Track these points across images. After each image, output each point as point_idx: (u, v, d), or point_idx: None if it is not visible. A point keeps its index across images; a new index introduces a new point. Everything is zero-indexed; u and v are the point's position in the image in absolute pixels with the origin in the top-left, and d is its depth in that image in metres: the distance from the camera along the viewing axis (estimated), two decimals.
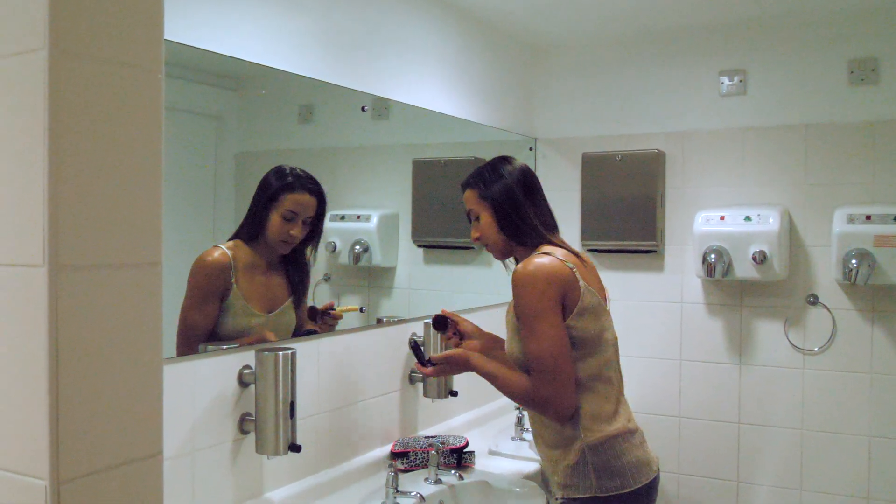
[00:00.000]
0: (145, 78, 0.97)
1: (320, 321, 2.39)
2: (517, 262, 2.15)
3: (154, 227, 0.98)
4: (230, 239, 2.13)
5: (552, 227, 2.16)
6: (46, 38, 0.87)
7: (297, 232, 2.19)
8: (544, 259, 2.01)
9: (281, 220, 2.17)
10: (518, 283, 2.00)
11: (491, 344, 2.33)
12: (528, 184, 2.15)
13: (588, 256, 2.21)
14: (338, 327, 2.44)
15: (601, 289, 2.15)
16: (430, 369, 2.17)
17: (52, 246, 0.87)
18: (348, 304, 2.56)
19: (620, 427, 2.04)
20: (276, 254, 2.22)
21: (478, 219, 2.17)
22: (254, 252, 2.16)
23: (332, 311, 2.41)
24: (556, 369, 1.95)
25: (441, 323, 2.35)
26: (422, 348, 2.23)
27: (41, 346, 0.88)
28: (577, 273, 2.01)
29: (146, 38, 0.97)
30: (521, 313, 2.00)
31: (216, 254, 2.08)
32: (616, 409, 2.07)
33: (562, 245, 2.11)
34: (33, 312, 0.88)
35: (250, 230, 2.16)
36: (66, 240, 0.89)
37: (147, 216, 0.97)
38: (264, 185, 2.18)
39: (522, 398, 2.04)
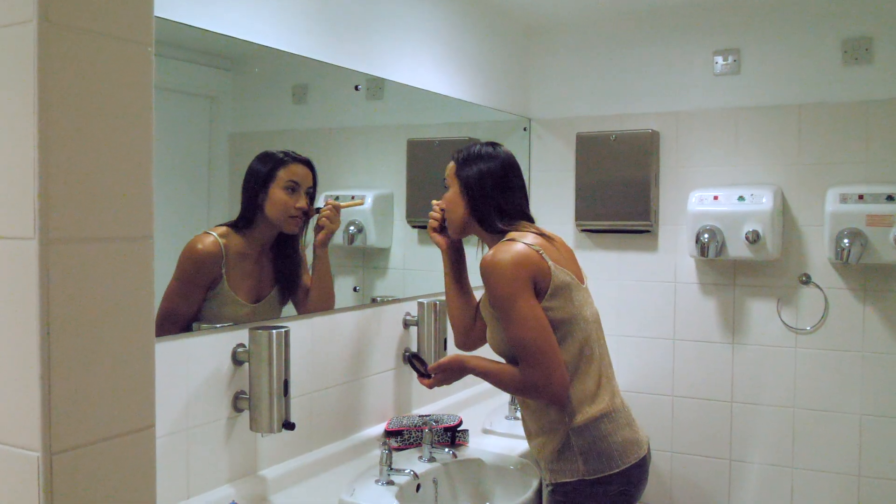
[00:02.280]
0: (135, 51, 0.97)
1: (317, 214, 2.28)
2: (487, 248, 2.13)
3: (145, 201, 0.98)
4: (220, 226, 2.10)
5: (519, 216, 2.14)
6: (36, 9, 0.87)
7: (304, 203, 2.18)
8: (509, 245, 1.99)
9: (284, 194, 2.15)
10: (486, 273, 1.98)
11: (458, 250, 2.36)
12: (504, 174, 2.13)
13: (562, 240, 2.17)
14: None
15: (577, 270, 2.12)
16: (430, 380, 2.18)
17: (42, 219, 0.88)
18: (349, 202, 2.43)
19: (604, 407, 2.00)
20: (268, 242, 2.20)
21: (446, 189, 2.21)
22: (245, 241, 2.13)
23: (327, 205, 2.28)
24: (541, 350, 1.92)
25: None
26: (421, 358, 2.23)
27: (32, 318, 0.88)
28: (543, 254, 1.98)
29: (136, 10, 0.97)
30: (496, 302, 1.98)
31: (208, 241, 2.04)
32: (599, 387, 2.02)
33: (532, 230, 2.08)
34: (24, 285, 0.89)
35: (245, 220, 2.13)
36: (57, 212, 0.89)
37: (138, 189, 0.97)
38: (254, 172, 2.16)
39: (516, 388, 2.00)
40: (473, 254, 2.36)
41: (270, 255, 2.22)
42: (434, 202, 2.35)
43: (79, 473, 0.92)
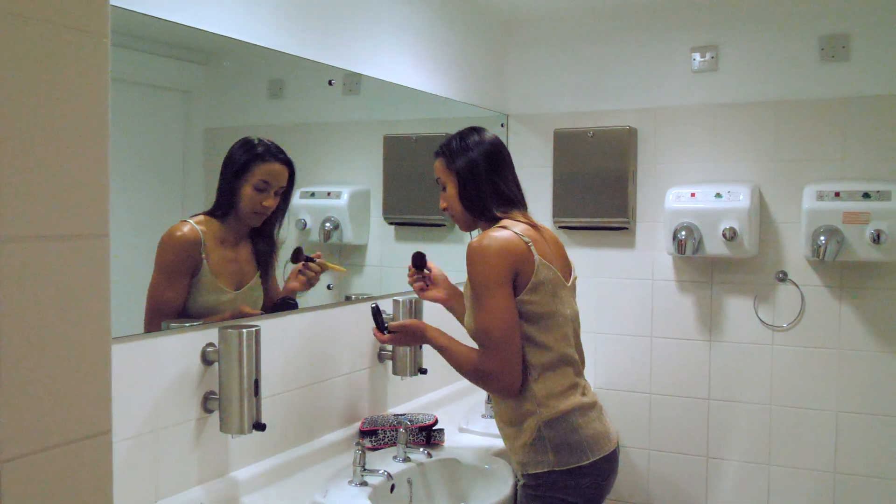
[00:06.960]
0: (90, 42, 0.93)
1: (303, 265, 2.33)
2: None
3: (100, 198, 0.94)
4: (198, 215, 2.09)
5: (515, 202, 2.13)
6: None
7: (271, 202, 2.17)
8: (498, 233, 1.99)
9: (253, 191, 2.14)
10: (470, 257, 1.98)
11: (454, 295, 2.36)
12: (495, 157, 2.12)
13: (552, 232, 2.18)
14: (318, 294, 2.40)
15: (566, 265, 2.14)
16: (386, 336, 2.17)
17: None
18: (335, 265, 2.53)
19: (576, 402, 2.02)
20: (245, 229, 2.19)
21: (444, 189, 2.18)
22: (223, 227, 2.12)
23: (317, 259, 2.35)
24: (502, 344, 1.93)
25: (420, 259, 2.36)
26: (382, 315, 2.23)
27: None
28: (532, 247, 1.98)
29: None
30: (473, 287, 1.99)
31: (185, 229, 2.03)
32: (572, 383, 2.04)
33: (524, 220, 2.08)
34: None
35: (222, 208, 2.12)
36: (7, 209, 0.85)
37: (92, 186, 0.93)
38: (232, 159, 2.15)
39: (468, 372, 2.02)
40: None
41: (250, 242, 2.22)
42: (409, 270, 2.35)
43: (30, 482, 0.88)
